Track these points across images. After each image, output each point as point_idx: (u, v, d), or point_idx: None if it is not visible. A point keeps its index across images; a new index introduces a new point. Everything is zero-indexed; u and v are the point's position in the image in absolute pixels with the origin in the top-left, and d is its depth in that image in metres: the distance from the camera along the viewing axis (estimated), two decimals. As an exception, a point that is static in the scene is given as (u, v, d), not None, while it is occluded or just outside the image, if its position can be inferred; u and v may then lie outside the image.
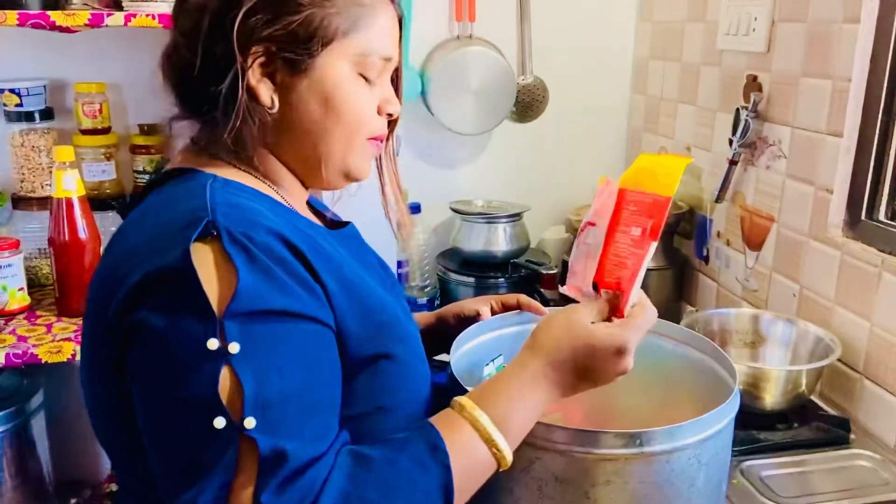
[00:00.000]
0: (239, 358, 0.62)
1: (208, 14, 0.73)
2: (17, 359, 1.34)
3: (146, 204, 0.77)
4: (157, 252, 0.66)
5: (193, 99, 0.76)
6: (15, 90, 1.57)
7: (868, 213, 1.28)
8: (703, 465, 0.80)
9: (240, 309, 0.63)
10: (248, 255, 0.65)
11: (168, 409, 0.63)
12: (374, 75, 0.79)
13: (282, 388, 0.63)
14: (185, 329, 0.63)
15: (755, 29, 1.48)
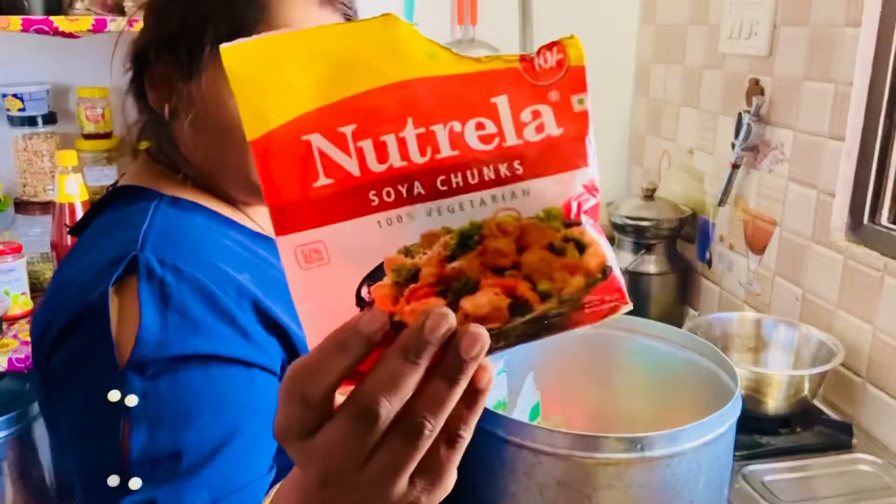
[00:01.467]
0: (136, 411, 0.58)
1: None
2: (19, 363, 1.35)
3: (93, 227, 0.74)
4: (82, 291, 0.63)
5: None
6: (18, 95, 1.58)
7: (870, 217, 1.28)
8: (705, 469, 0.80)
9: (141, 357, 0.59)
10: (161, 294, 0.61)
11: (75, 456, 0.62)
12: None
13: (176, 442, 0.59)
14: (89, 379, 0.60)
15: (757, 32, 1.48)
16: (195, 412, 0.60)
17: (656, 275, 1.72)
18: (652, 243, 1.71)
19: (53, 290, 0.69)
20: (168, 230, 0.66)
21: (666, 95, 1.88)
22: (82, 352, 0.61)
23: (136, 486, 0.57)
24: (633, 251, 1.72)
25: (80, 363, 0.61)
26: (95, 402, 0.59)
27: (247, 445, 0.62)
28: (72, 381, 0.62)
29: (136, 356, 0.59)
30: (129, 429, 0.58)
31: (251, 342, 0.64)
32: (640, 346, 1.04)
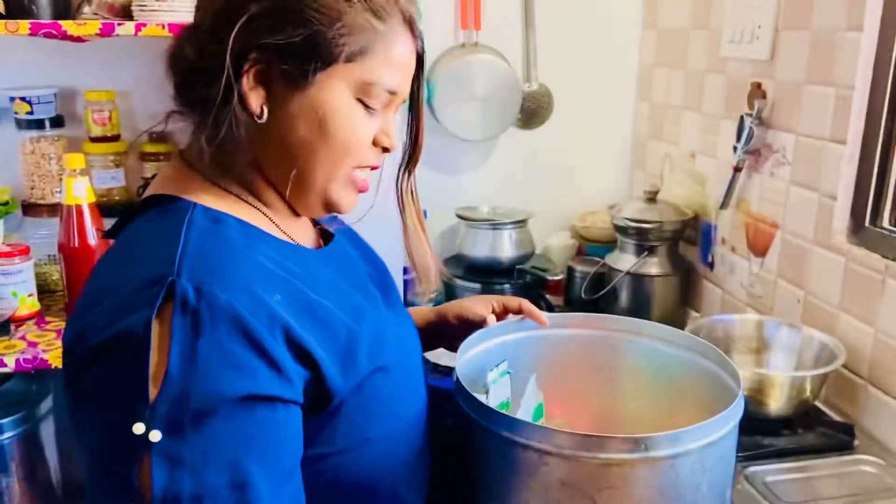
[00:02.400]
0: (158, 448, 0.59)
1: (213, 12, 0.71)
2: (27, 364, 1.36)
3: (128, 234, 0.74)
4: (118, 310, 0.63)
5: (189, 97, 0.73)
6: (26, 98, 1.59)
7: (872, 220, 1.28)
8: (708, 470, 0.81)
9: (170, 394, 0.59)
10: (194, 328, 0.61)
11: (93, 478, 0.62)
12: (376, 105, 0.75)
13: (198, 484, 0.59)
14: (118, 405, 0.60)
15: (759, 36, 1.49)
16: (218, 457, 0.60)
17: (658, 277, 1.73)
18: (654, 245, 1.72)
19: (88, 297, 0.69)
20: (203, 251, 0.67)
21: (668, 99, 1.89)
22: (115, 376, 0.61)
23: None
24: (636, 253, 1.73)
25: (111, 387, 0.61)
26: (121, 429, 0.59)
27: (270, 488, 0.63)
28: (100, 402, 0.62)
29: (165, 392, 0.59)
30: (150, 463, 0.58)
31: (281, 376, 0.64)
32: (642, 347, 1.04)
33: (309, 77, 0.71)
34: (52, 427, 1.66)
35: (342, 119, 0.73)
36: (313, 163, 0.74)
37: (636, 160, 2.07)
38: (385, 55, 0.74)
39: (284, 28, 0.69)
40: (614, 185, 2.09)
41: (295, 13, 0.70)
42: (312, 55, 0.70)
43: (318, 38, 0.70)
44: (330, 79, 0.72)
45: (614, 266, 1.75)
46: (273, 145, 0.73)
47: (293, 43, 0.70)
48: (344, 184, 0.77)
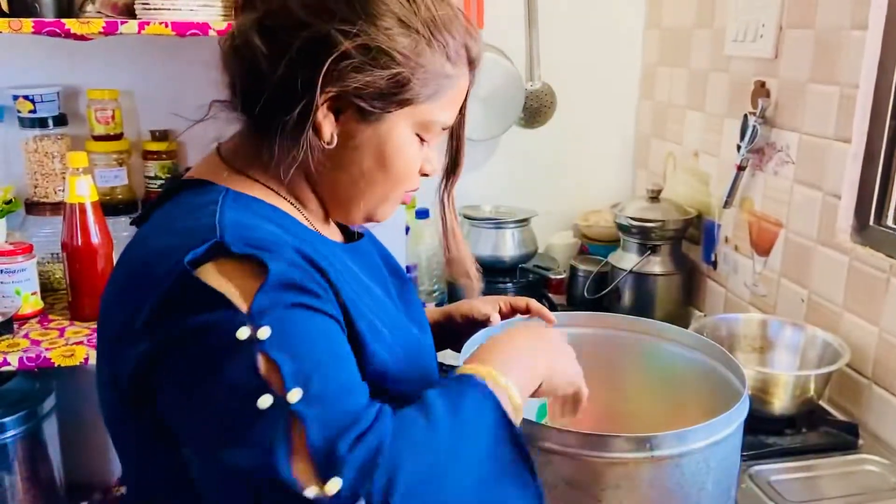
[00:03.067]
0: (271, 342, 0.62)
1: (303, 39, 0.71)
2: (30, 362, 1.36)
3: (157, 217, 0.76)
4: (167, 270, 0.65)
5: (259, 112, 0.74)
6: (29, 97, 1.59)
7: (876, 219, 1.28)
8: (713, 469, 0.81)
9: (266, 300, 0.63)
10: (269, 254, 0.66)
11: (211, 406, 0.63)
12: (431, 140, 0.80)
13: (316, 364, 0.63)
14: (211, 326, 0.63)
15: (763, 35, 1.49)
16: (319, 346, 0.65)
17: (661, 276, 1.73)
18: (657, 244, 1.71)
19: (131, 272, 0.71)
20: (239, 222, 0.70)
21: (671, 98, 1.89)
22: (194, 311, 0.63)
23: (297, 397, 0.60)
24: (639, 252, 1.73)
25: (195, 318, 0.63)
26: (223, 343, 0.62)
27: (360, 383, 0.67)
28: (188, 336, 0.64)
29: (260, 299, 0.63)
30: (268, 357, 0.61)
31: (335, 306, 0.69)
32: (647, 346, 1.04)
33: (382, 115, 0.74)
34: (55, 426, 1.66)
35: (403, 154, 0.77)
36: (370, 191, 0.79)
37: (639, 159, 2.07)
38: (449, 96, 0.78)
39: (371, 69, 0.72)
40: (617, 184, 2.09)
41: (384, 56, 0.72)
42: (392, 96, 0.74)
43: (400, 82, 0.73)
44: (399, 117, 0.75)
45: (617, 265, 1.75)
46: (332, 168, 0.77)
47: (374, 83, 0.72)
48: (391, 208, 0.83)
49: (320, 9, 0.71)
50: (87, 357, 1.38)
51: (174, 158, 1.74)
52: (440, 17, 0.75)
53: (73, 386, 1.82)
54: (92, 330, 1.46)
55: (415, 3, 0.74)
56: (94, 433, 1.88)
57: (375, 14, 0.72)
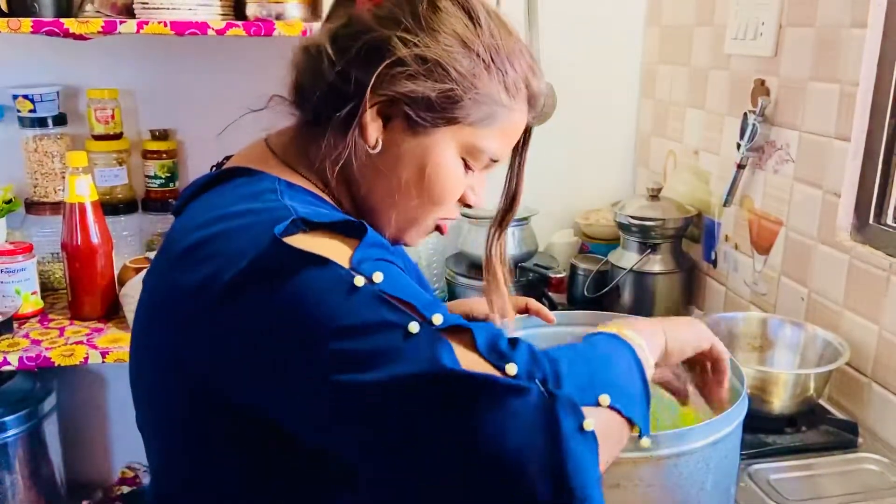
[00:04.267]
0: (387, 285, 0.63)
1: (364, 41, 0.73)
2: (30, 362, 1.36)
3: (205, 204, 0.75)
4: (248, 244, 0.65)
5: (313, 105, 0.76)
6: (28, 96, 1.59)
7: (876, 217, 1.28)
8: (712, 468, 0.81)
9: (362, 255, 0.65)
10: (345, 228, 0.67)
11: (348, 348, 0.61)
12: (477, 167, 0.80)
13: (430, 303, 0.65)
14: (322, 285, 0.62)
15: (763, 33, 1.49)
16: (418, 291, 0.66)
17: (661, 274, 1.72)
18: (657, 243, 1.71)
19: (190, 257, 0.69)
20: (300, 204, 0.70)
21: (671, 96, 1.88)
22: (296, 276, 0.63)
23: (440, 320, 0.62)
24: (639, 251, 1.72)
25: (304, 287, 0.63)
26: (342, 292, 0.62)
27: None
28: (298, 300, 0.63)
29: (360, 253, 0.65)
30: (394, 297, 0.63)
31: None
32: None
33: (429, 128, 0.75)
34: (55, 425, 1.67)
35: (444, 174, 0.77)
36: (404, 205, 0.78)
37: (639, 157, 2.06)
38: (502, 127, 0.78)
39: (425, 80, 0.73)
40: (617, 183, 2.08)
41: (439, 69, 0.73)
42: (441, 111, 0.74)
43: (452, 98, 0.74)
44: (445, 134, 0.76)
45: (617, 264, 1.75)
46: (373, 175, 0.77)
47: (427, 95, 0.73)
48: (423, 231, 0.83)
49: (388, 17, 0.73)
50: (87, 356, 1.38)
51: (174, 158, 1.74)
52: (503, 47, 0.77)
53: (73, 385, 1.82)
54: (91, 329, 1.46)
55: (479, 27, 0.75)
56: (94, 432, 1.89)
57: (438, 30, 0.73)
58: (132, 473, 1.86)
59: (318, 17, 1.46)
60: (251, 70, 1.73)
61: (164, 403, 0.74)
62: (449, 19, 0.74)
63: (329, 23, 0.79)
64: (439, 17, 0.74)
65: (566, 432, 0.59)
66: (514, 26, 0.80)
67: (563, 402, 0.60)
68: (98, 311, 1.50)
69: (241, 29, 1.39)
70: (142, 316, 0.76)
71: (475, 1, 0.77)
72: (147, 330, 0.75)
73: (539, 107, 0.83)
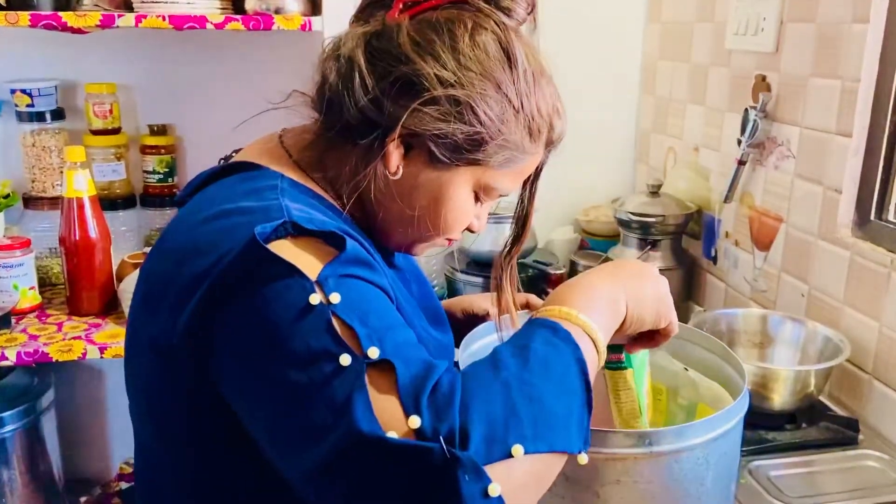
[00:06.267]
0: (342, 306, 0.63)
1: (401, 71, 0.72)
2: (28, 357, 1.35)
3: (207, 197, 0.76)
4: (234, 244, 0.65)
5: (334, 113, 0.76)
6: (26, 91, 1.58)
7: (877, 214, 1.28)
8: (712, 464, 0.81)
9: (332, 271, 0.65)
10: (326, 237, 0.67)
11: (285, 372, 0.62)
12: (487, 201, 0.82)
13: (385, 327, 0.65)
14: (283, 295, 0.63)
15: (764, 29, 1.48)
16: (384, 311, 0.67)
17: (661, 271, 1.70)
18: (657, 239, 1.71)
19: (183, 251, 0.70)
20: (301, 207, 0.71)
21: (672, 93, 1.88)
22: (263, 282, 0.64)
23: (376, 354, 0.62)
24: (639, 247, 1.72)
25: (264, 289, 0.64)
26: (296, 309, 0.63)
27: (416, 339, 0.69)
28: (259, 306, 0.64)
29: (328, 269, 0.65)
30: (341, 319, 0.63)
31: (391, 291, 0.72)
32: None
33: (450, 165, 0.76)
34: (53, 420, 1.66)
35: (458, 207, 0.79)
36: (416, 228, 0.79)
37: (640, 154, 2.06)
38: (518, 169, 0.80)
39: (455, 122, 0.73)
40: (617, 179, 2.08)
41: (470, 113, 0.73)
42: (465, 153, 0.75)
43: (477, 142, 0.74)
44: (464, 172, 0.77)
45: (617, 260, 1.75)
46: (388, 197, 0.78)
47: (452, 135, 0.73)
48: (429, 246, 0.85)
49: (428, 51, 0.73)
50: (85, 352, 1.37)
51: (173, 153, 1.73)
52: (535, 91, 0.77)
53: (71, 381, 1.82)
54: (90, 325, 1.46)
55: (516, 72, 0.75)
56: (92, 428, 1.89)
57: (475, 72, 0.73)
58: (130, 469, 1.85)
59: (318, 12, 1.45)
60: (250, 64, 1.73)
61: (155, 388, 0.74)
62: (487, 60, 0.74)
63: (360, 23, 0.77)
64: (477, 54, 0.73)
65: (468, 498, 0.58)
66: (547, 64, 0.81)
67: (465, 466, 0.58)
68: (96, 307, 1.49)
69: (240, 23, 1.38)
70: (138, 301, 0.77)
71: (515, 41, 0.77)
72: (141, 316, 0.75)
73: (556, 146, 0.84)
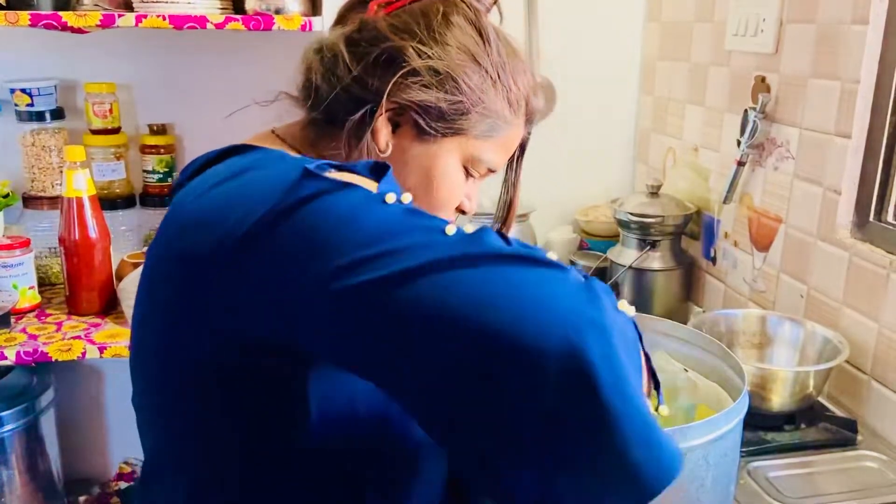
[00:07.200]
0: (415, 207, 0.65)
1: (381, 49, 0.77)
2: (27, 357, 1.35)
3: (211, 173, 0.75)
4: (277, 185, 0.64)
5: (327, 108, 0.79)
6: (26, 90, 1.58)
7: (876, 215, 1.28)
8: (712, 465, 0.81)
9: (391, 186, 0.66)
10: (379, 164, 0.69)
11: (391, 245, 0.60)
12: (476, 175, 0.85)
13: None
14: (359, 199, 0.63)
15: (763, 30, 1.48)
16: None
17: (661, 271, 1.72)
18: (656, 240, 1.71)
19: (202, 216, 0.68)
20: None
21: (671, 93, 1.88)
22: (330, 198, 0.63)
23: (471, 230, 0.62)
24: (638, 248, 1.72)
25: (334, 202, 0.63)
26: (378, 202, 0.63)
27: None
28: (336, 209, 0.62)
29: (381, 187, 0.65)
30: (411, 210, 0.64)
31: None
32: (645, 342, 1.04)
33: (436, 137, 0.79)
34: (52, 420, 1.66)
35: (448, 181, 0.82)
36: None
37: (639, 154, 2.06)
38: (502, 140, 0.84)
39: (437, 91, 0.77)
40: (617, 179, 2.08)
41: (451, 81, 0.78)
42: (450, 122, 0.79)
43: (460, 110, 0.79)
44: (450, 144, 0.81)
45: (616, 260, 1.75)
46: None
47: (438, 105, 0.78)
48: None
49: (403, 29, 0.78)
50: (85, 351, 1.37)
51: (172, 152, 1.73)
52: (508, 64, 0.82)
53: (71, 380, 1.82)
54: (89, 324, 1.46)
55: (488, 45, 0.81)
56: (92, 427, 1.89)
57: (450, 44, 0.78)
58: (129, 469, 1.85)
59: (318, 12, 1.45)
60: (250, 65, 1.72)
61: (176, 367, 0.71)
62: (461, 35, 0.79)
63: (341, 26, 0.82)
64: (452, 31, 0.79)
65: (605, 306, 0.60)
66: (518, 46, 0.85)
67: (597, 283, 0.62)
68: (96, 307, 1.49)
69: (241, 23, 1.38)
70: (150, 277, 0.75)
71: (485, 20, 0.82)
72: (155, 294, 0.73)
73: (535, 121, 0.89)
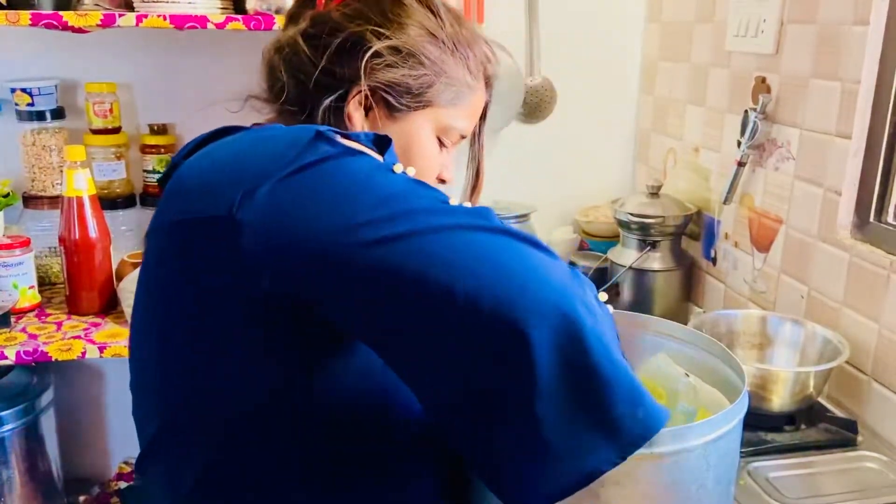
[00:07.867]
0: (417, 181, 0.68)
1: (341, 38, 0.81)
2: (27, 356, 1.35)
3: (212, 147, 0.75)
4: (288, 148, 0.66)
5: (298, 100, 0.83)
6: (26, 90, 1.59)
7: (877, 216, 1.28)
8: (712, 466, 0.81)
9: (395, 159, 0.71)
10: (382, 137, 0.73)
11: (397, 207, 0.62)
12: (449, 144, 0.90)
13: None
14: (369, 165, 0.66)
15: (764, 30, 1.48)
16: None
17: (661, 272, 1.72)
18: (657, 240, 1.71)
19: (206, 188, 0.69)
20: None
21: (672, 93, 1.88)
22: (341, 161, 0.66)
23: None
24: (638, 248, 1.72)
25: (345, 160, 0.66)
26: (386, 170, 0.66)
27: None
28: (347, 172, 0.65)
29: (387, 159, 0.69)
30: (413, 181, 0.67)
31: None
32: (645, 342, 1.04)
33: (407, 112, 0.84)
34: (52, 420, 1.67)
35: (424, 152, 0.87)
36: None
37: (639, 154, 2.06)
38: (467, 106, 0.89)
39: (401, 68, 0.82)
40: (617, 180, 2.08)
41: (412, 59, 0.83)
42: (418, 95, 0.84)
43: (426, 83, 0.84)
44: (421, 117, 0.86)
45: (616, 261, 1.75)
46: None
47: (403, 82, 0.83)
48: None
49: (357, 16, 0.82)
50: (85, 351, 1.37)
51: (172, 152, 1.73)
52: (462, 35, 0.87)
53: (71, 380, 1.82)
54: (89, 324, 1.46)
55: (441, 20, 0.85)
56: (92, 427, 1.89)
57: (406, 24, 0.83)
58: (129, 469, 1.85)
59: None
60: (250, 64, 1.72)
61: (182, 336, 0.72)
62: (414, 13, 0.84)
63: (293, 25, 0.85)
64: (405, 11, 0.83)
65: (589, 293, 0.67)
66: (467, 18, 0.91)
67: (582, 275, 0.69)
68: (96, 306, 1.49)
69: (241, 23, 1.38)
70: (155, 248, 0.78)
71: None
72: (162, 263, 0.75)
73: (493, 85, 0.94)
